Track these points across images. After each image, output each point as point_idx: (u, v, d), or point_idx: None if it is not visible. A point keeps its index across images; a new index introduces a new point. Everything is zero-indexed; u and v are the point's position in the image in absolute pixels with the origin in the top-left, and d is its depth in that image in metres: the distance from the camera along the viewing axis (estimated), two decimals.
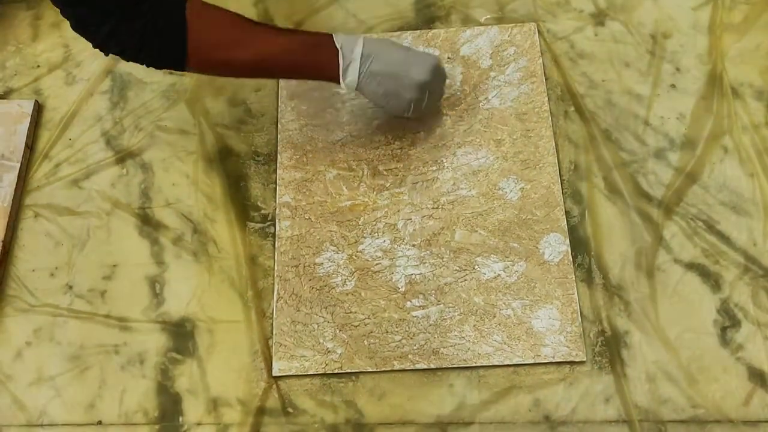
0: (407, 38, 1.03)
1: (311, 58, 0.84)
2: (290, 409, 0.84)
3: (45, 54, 1.07)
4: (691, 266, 0.88)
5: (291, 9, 1.08)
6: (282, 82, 1.02)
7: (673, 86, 0.98)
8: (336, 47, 0.84)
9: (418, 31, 1.04)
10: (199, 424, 0.84)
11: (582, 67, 1.01)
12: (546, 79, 0.99)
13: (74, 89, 1.04)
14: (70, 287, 0.92)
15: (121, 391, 0.86)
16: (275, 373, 0.85)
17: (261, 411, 0.84)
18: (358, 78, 0.85)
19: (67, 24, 0.79)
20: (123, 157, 0.99)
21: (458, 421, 0.83)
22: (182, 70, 0.83)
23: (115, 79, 1.05)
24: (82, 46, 1.07)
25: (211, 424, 0.84)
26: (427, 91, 0.88)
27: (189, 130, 1.00)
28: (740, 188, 0.92)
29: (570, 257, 0.88)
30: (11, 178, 0.97)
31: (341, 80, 0.85)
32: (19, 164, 0.98)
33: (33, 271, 0.93)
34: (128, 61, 0.82)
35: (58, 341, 0.89)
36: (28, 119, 1.00)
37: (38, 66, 1.06)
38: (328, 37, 0.84)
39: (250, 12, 1.08)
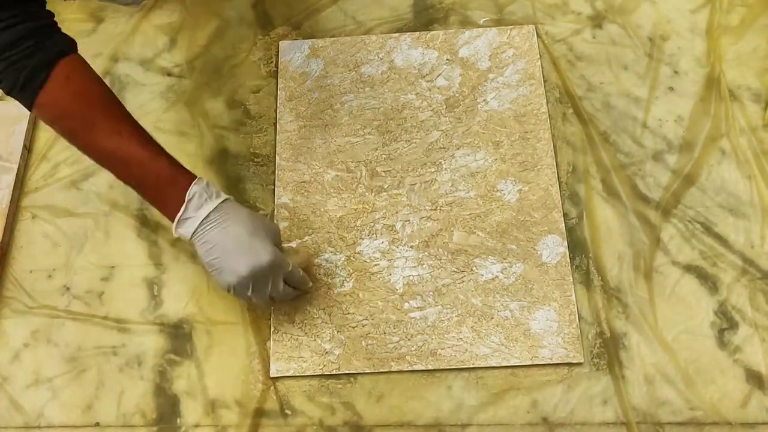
0: (406, 39, 1.04)
1: (157, 188, 0.78)
2: (288, 411, 0.84)
3: None
4: (689, 268, 0.88)
5: (290, 11, 1.08)
6: (281, 82, 1.02)
7: (671, 89, 0.99)
8: (185, 197, 0.77)
9: (417, 32, 1.05)
10: (197, 425, 0.84)
11: (580, 69, 1.01)
12: (544, 81, 1.00)
13: None
14: (68, 289, 0.92)
15: (119, 393, 0.86)
16: (273, 374, 0.85)
17: (259, 413, 0.84)
18: (192, 236, 0.78)
19: (65, 25, 0.78)
20: None
21: (456, 422, 0.82)
22: (30, 108, 0.77)
23: (113, 80, 1.04)
24: (81, 47, 1.07)
25: (209, 426, 0.84)
26: (251, 287, 0.79)
27: (188, 131, 1.00)
28: (738, 190, 0.92)
29: (568, 259, 0.88)
30: (9, 179, 0.97)
31: (174, 228, 0.78)
32: (17, 165, 0.97)
33: (31, 272, 0.93)
34: None
35: (56, 343, 0.89)
36: (26, 120, 1.00)
37: None
38: (187, 180, 0.78)
39: (249, 14, 1.08)
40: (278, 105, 1.01)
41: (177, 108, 1.02)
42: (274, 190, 0.95)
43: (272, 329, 0.87)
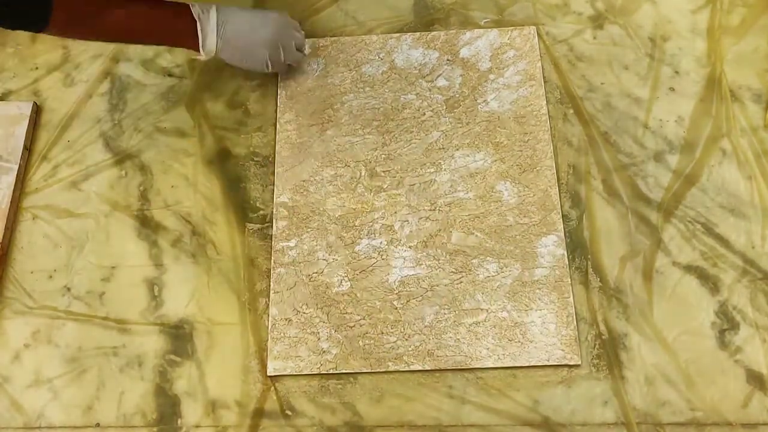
0: (406, 39, 1.04)
1: (171, 26, 0.89)
2: (288, 411, 0.84)
3: (44, 56, 1.07)
4: (690, 269, 0.88)
5: (290, 10, 1.08)
6: (281, 83, 1.02)
7: (671, 89, 0.98)
8: (194, 18, 0.89)
9: (418, 32, 1.04)
10: (197, 426, 0.84)
11: (581, 70, 1.01)
12: (545, 82, 0.99)
13: (73, 91, 1.04)
14: (69, 289, 0.92)
15: (119, 394, 0.86)
16: (270, 372, 0.85)
17: (259, 413, 0.84)
18: (216, 46, 0.91)
19: None
20: (122, 158, 0.99)
21: (457, 423, 0.82)
22: (38, 31, 0.81)
23: (114, 80, 1.05)
24: (81, 48, 1.08)
25: (209, 427, 0.84)
26: (280, 46, 0.95)
27: (188, 131, 1.00)
28: (738, 191, 0.92)
29: (566, 260, 0.88)
30: (9, 180, 0.97)
31: (201, 49, 0.91)
32: (17, 166, 0.98)
33: (31, 273, 0.93)
34: None
35: (57, 343, 0.89)
36: (27, 121, 1.00)
37: (37, 68, 1.06)
38: (186, 8, 0.89)
39: None
40: (278, 104, 1.01)
41: (177, 108, 1.02)
42: (273, 189, 0.95)
43: (270, 328, 0.87)
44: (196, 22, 0.89)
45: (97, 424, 0.85)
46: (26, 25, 0.80)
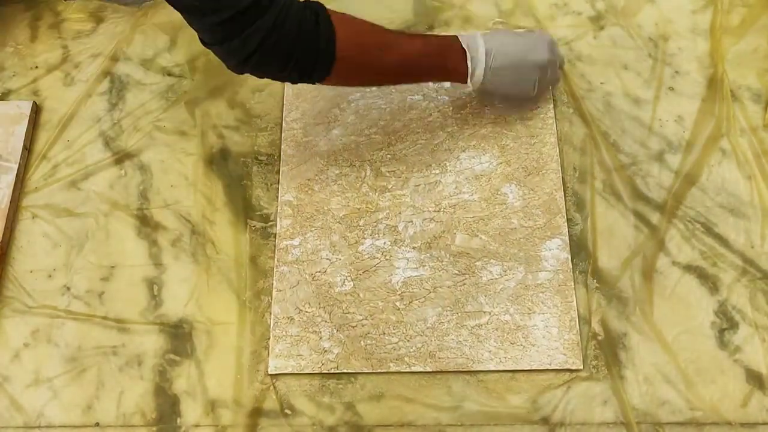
0: None
1: (444, 60, 0.87)
2: (288, 411, 0.84)
3: (43, 55, 1.07)
4: (690, 268, 0.88)
5: None
6: None
7: (672, 89, 0.99)
8: (463, 49, 0.87)
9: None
10: (197, 425, 0.84)
11: (581, 69, 1.01)
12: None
13: (73, 90, 1.04)
14: (68, 288, 0.92)
15: (119, 393, 0.86)
16: (271, 370, 0.85)
17: (259, 412, 0.84)
18: (483, 76, 0.88)
19: (65, 25, 0.77)
20: (121, 158, 0.99)
21: (457, 423, 0.83)
22: (320, 81, 0.81)
23: (113, 80, 1.04)
24: (81, 47, 1.07)
25: (208, 426, 0.84)
26: (548, 68, 0.91)
27: (188, 131, 1.00)
28: (738, 191, 0.92)
29: (570, 264, 0.88)
30: (9, 179, 0.96)
31: (469, 80, 0.88)
32: (17, 165, 0.97)
33: (31, 272, 0.93)
34: (265, 76, 0.80)
35: (56, 343, 0.89)
36: (26, 120, 1.00)
37: (36, 67, 1.06)
38: (455, 39, 0.87)
39: None
40: (285, 102, 1.00)
41: (177, 107, 1.02)
42: (277, 188, 0.95)
43: (272, 326, 0.87)
44: (465, 52, 0.87)
45: (97, 424, 0.85)
46: (311, 79, 0.81)
